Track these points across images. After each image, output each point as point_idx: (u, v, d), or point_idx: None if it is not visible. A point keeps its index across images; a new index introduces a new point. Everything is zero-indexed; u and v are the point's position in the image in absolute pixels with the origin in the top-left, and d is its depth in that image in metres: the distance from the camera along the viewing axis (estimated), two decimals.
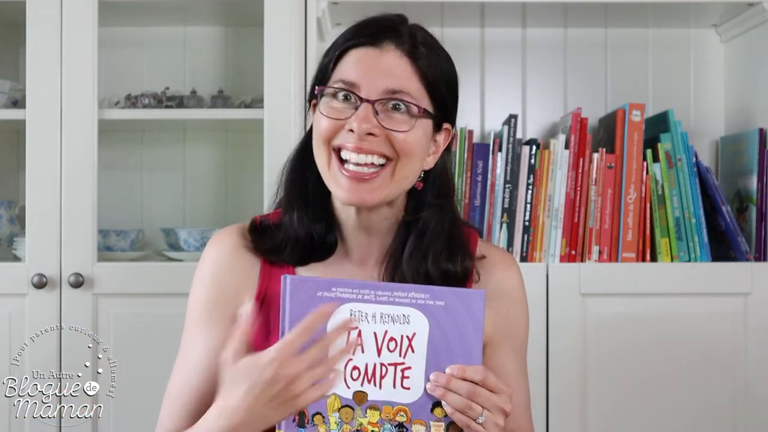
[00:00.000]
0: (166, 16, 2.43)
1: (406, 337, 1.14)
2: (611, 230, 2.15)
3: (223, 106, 2.32)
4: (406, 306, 1.13)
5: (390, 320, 1.13)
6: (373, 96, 1.24)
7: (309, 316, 1.10)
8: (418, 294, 1.14)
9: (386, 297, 1.13)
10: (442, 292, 1.15)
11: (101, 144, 2.17)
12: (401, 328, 1.13)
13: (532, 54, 2.51)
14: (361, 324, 1.13)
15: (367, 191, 1.24)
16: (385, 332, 1.13)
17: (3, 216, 2.30)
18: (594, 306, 2.11)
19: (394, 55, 1.26)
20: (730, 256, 2.18)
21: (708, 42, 2.50)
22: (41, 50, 2.14)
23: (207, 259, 1.35)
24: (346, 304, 1.13)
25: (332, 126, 1.25)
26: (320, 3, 2.15)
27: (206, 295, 1.33)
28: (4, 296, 2.13)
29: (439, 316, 1.14)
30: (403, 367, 1.14)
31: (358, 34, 1.28)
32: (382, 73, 1.25)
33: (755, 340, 2.11)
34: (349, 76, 1.25)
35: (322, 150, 1.27)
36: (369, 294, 1.13)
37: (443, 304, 1.14)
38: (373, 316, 1.13)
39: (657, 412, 2.11)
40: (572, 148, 2.17)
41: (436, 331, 1.14)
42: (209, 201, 2.51)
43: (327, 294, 1.12)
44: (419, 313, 1.14)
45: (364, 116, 1.22)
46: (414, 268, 1.29)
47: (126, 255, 2.29)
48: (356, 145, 1.23)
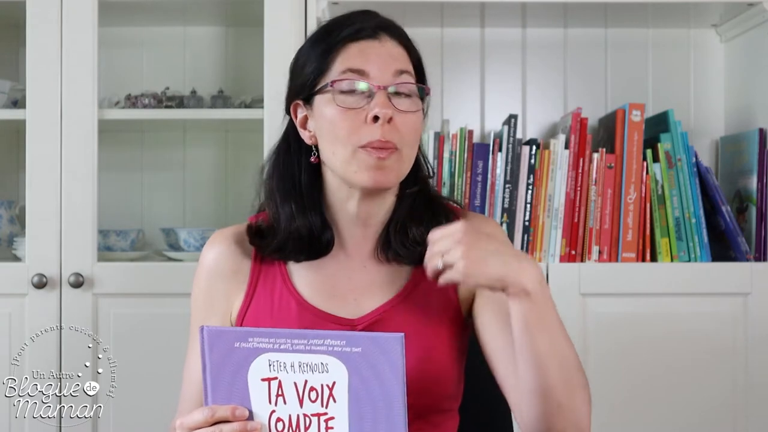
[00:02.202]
0: (166, 16, 2.43)
1: (327, 386, 1.10)
2: (611, 230, 2.15)
3: (223, 106, 2.33)
4: (323, 354, 1.10)
5: (309, 369, 1.10)
6: (385, 81, 1.27)
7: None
8: (334, 341, 1.10)
9: (302, 345, 1.10)
10: (358, 338, 1.11)
11: (101, 144, 2.17)
12: (321, 377, 1.10)
13: (532, 54, 2.51)
14: (281, 374, 1.10)
15: (387, 171, 1.28)
16: (305, 382, 1.10)
17: (3, 216, 2.30)
18: (594, 306, 2.11)
19: (392, 44, 1.31)
20: (730, 256, 2.18)
21: (708, 42, 2.50)
22: (41, 50, 2.14)
23: (201, 264, 1.40)
24: (263, 354, 1.10)
25: (351, 119, 1.27)
26: (320, 3, 2.15)
27: (202, 297, 1.39)
28: (4, 296, 2.13)
29: (356, 362, 1.10)
30: (327, 418, 1.11)
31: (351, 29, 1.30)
32: (387, 59, 1.29)
33: (755, 340, 2.11)
34: (355, 64, 1.28)
35: (344, 147, 1.28)
36: (285, 343, 1.10)
37: (360, 351, 1.10)
38: (291, 366, 1.10)
39: (657, 412, 2.11)
40: (572, 148, 2.17)
41: (355, 379, 1.10)
42: (209, 201, 2.51)
43: (244, 344, 1.10)
44: (337, 361, 1.10)
45: (384, 102, 1.26)
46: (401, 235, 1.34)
47: (126, 255, 2.29)
48: (380, 138, 1.25)
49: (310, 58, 1.32)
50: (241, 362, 1.10)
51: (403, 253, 1.34)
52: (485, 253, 1.15)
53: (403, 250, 1.34)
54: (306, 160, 1.35)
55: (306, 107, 1.33)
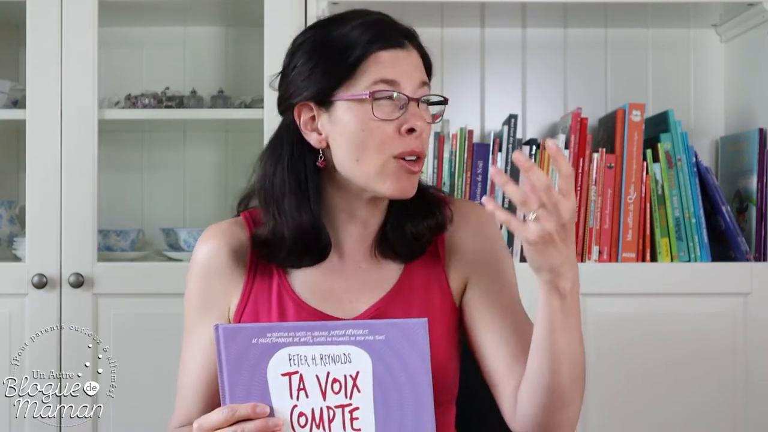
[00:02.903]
0: (166, 16, 2.43)
1: (350, 376, 1.09)
2: (611, 230, 2.15)
3: (223, 106, 2.33)
4: (346, 344, 1.09)
5: (331, 361, 1.09)
6: (415, 92, 1.28)
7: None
8: (357, 330, 1.09)
9: (323, 337, 1.09)
10: (381, 325, 1.11)
11: (101, 144, 2.18)
12: (343, 368, 1.09)
13: (532, 54, 2.51)
14: (302, 367, 1.09)
15: (414, 181, 1.30)
16: (327, 374, 1.09)
17: (3, 216, 2.30)
18: (594, 306, 2.11)
19: (415, 54, 1.31)
20: (730, 256, 2.18)
21: (708, 42, 2.50)
22: (41, 50, 2.14)
23: (195, 259, 1.38)
24: (283, 349, 1.09)
25: (388, 130, 1.26)
26: (320, 3, 2.15)
27: (197, 295, 1.36)
28: (4, 296, 2.13)
29: (380, 350, 1.09)
30: (351, 408, 1.10)
31: (384, 36, 1.28)
32: (414, 70, 1.29)
33: (755, 340, 2.11)
34: (388, 74, 1.27)
35: (378, 155, 1.27)
36: (306, 336, 1.09)
37: (384, 338, 1.09)
38: (313, 359, 1.09)
39: (657, 412, 2.11)
40: (572, 148, 2.17)
41: (379, 367, 1.10)
42: (209, 201, 2.51)
43: (262, 340, 1.09)
44: (360, 350, 1.09)
45: (419, 114, 1.28)
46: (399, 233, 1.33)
47: (126, 255, 2.29)
48: (414, 150, 1.27)
49: (327, 60, 1.28)
50: (260, 358, 1.09)
51: (401, 251, 1.34)
52: (563, 239, 1.09)
53: (401, 248, 1.34)
54: (310, 162, 1.32)
55: (319, 110, 1.29)
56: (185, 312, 1.37)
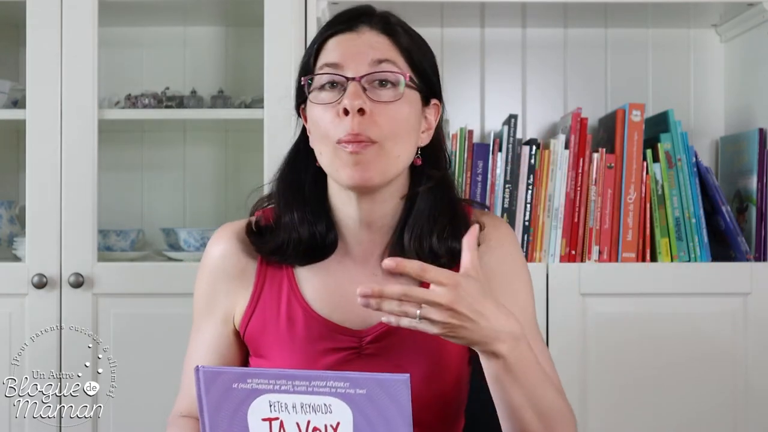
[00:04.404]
0: (166, 16, 2.43)
1: (331, 426, 1.07)
2: (611, 230, 2.15)
3: (223, 106, 2.33)
4: (327, 395, 1.07)
5: (311, 410, 1.07)
6: (360, 72, 1.23)
7: None
8: (338, 383, 1.06)
9: (304, 387, 1.07)
10: (363, 379, 1.07)
11: (101, 144, 2.17)
12: (324, 418, 1.07)
13: (532, 54, 2.51)
14: (282, 414, 1.07)
15: (365, 167, 1.22)
16: (308, 422, 1.07)
17: (3, 216, 2.30)
18: (594, 306, 2.12)
19: (371, 34, 1.26)
20: (730, 256, 2.18)
21: (708, 42, 2.50)
22: (41, 50, 2.14)
23: (206, 259, 1.37)
24: (263, 395, 1.07)
25: (328, 115, 1.23)
26: (320, 3, 2.15)
27: (204, 295, 1.36)
28: (4, 296, 2.13)
29: (361, 404, 1.06)
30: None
31: (331, 25, 1.28)
32: (363, 49, 1.24)
33: (755, 340, 2.11)
34: (330, 58, 1.25)
35: (326, 143, 1.24)
36: (286, 384, 1.07)
37: (365, 393, 1.06)
38: (293, 407, 1.07)
39: (657, 412, 2.11)
40: (572, 148, 2.17)
41: (360, 420, 1.07)
42: (209, 201, 2.51)
43: (242, 385, 1.07)
44: (341, 402, 1.07)
45: (354, 93, 1.21)
46: (417, 244, 1.28)
47: (126, 255, 2.29)
48: (350, 132, 1.21)
49: (306, 55, 1.31)
50: (240, 402, 1.08)
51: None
52: (466, 319, 1.09)
53: (417, 256, 1.27)
54: (313, 164, 1.31)
55: (303, 114, 1.32)
56: (194, 306, 1.38)
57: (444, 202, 1.31)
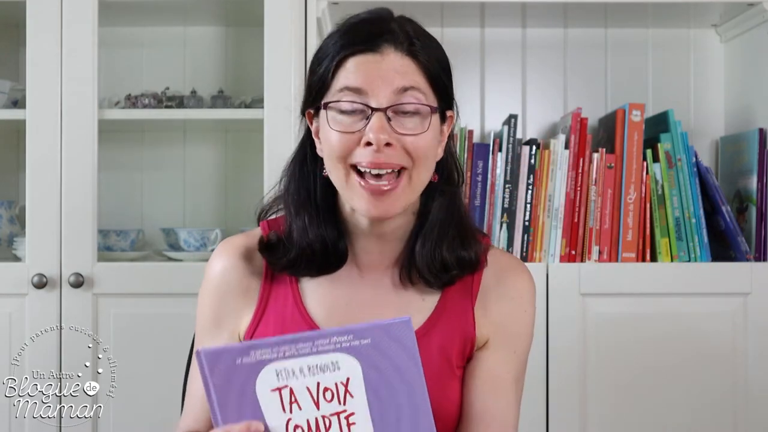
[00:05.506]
0: (166, 16, 2.43)
1: (341, 383, 1.07)
2: (611, 230, 2.15)
3: (223, 106, 2.33)
4: (332, 352, 1.07)
5: (319, 370, 1.07)
6: (383, 103, 1.19)
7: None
8: (341, 337, 1.07)
9: (308, 348, 1.07)
10: (365, 329, 1.08)
11: (101, 144, 2.17)
12: (333, 376, 1.07)
13: (532, 54, 2.51)
14: (290, 381, 1.07)
15: (389, 204, 1.21)
16: (317, 384, 1.07)
17: (3, 216, 2.30)
18: (594, 306, 2.11)
19: (395, 57, 1.22)
20: (730, 256, 2.18)
21: (708, 42, 2.50)
22: (41, 50, 2.14)
23: (209, 276, 1.34)
24: (269, 365, 1.07)
25: (346, 142, 1.20)
26: (320, 3, 2.15)
27: (208, 312, 1.33)
28: (4, 296, 2.13)
29: (368, 354, 1.08)
30: (347, 414, 1.08)
31: (352, 42, 1.23)
32: (388, 77, 1.20)
33: (755, 340, 2.11)
34: (352, 82, 1.20)
35: (338, 167, 1.22)
36: (290, 349, 1.06)
37: (369, 342, 1.07)
38: (300, 371, 1.07)
39: (657, 412, 2.11)
40: (572, 148, 2.17)
41: (369, 371, 1.08)
42: (209, 201, 2.51)
43: (246, 359, 1.06)
44: (347, 356, 1.07)
45: (380, 126, 1.18)
46: (429, 256, 1.27)
47: (126, 255, 2.29)
48: (373, 161, 1.19)
49: (321, 64, 1.25)
50: (247, 377, 1.07)
51: (429, 277, 1.27)
52: None
53: (429, 275, 1.27)
54: (321, 171, 1.28)
55: (316, 118, 1.27)
56: (197, 322, 1.35)
57: (455, 213, 1.30)
